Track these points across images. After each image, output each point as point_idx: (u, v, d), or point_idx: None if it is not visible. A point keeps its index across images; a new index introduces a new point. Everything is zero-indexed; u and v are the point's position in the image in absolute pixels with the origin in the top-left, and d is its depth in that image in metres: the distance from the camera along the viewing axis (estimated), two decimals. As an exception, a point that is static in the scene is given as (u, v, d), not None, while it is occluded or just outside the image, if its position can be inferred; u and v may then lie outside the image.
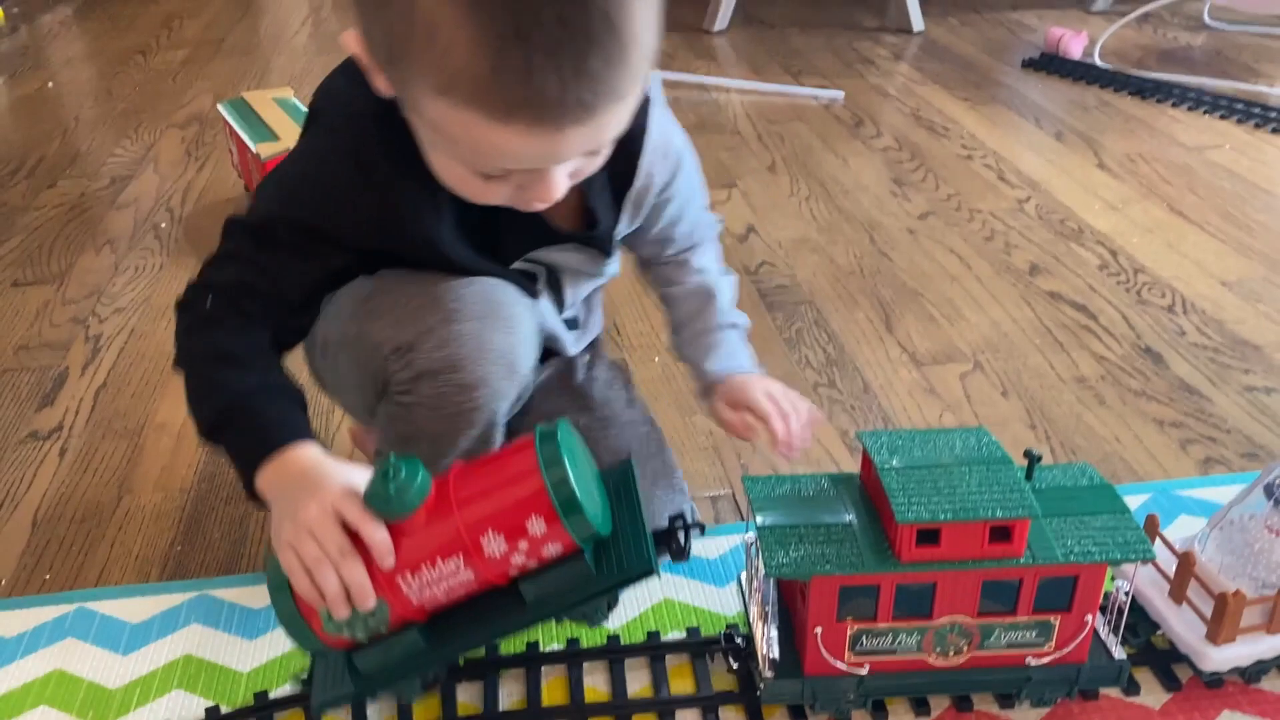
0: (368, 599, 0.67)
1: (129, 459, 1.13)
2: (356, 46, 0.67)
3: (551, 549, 0.69)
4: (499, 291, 0.80)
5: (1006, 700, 0.79)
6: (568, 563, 0.70)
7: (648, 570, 0.70)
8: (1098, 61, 2.29)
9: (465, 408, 0.79)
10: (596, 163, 0.72)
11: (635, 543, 0.71)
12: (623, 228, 0.87)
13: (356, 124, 0.74)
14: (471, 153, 0.66)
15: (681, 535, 0.74)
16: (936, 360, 1.27)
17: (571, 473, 0.67)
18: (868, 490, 0.77)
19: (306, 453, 0.71)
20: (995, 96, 2.17)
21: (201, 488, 1.07)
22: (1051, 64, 2.31)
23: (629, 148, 0.79)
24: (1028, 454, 0.76)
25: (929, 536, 0.70)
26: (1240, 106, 2.02)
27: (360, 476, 0.69)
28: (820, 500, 0.77)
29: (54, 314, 1.42)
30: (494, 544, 0.67)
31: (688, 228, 0.93)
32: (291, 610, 0.69)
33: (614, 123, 0.65)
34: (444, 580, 0.69)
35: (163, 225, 1.68)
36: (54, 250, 1.60)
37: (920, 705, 0.79)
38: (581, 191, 0.81)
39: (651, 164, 0.83)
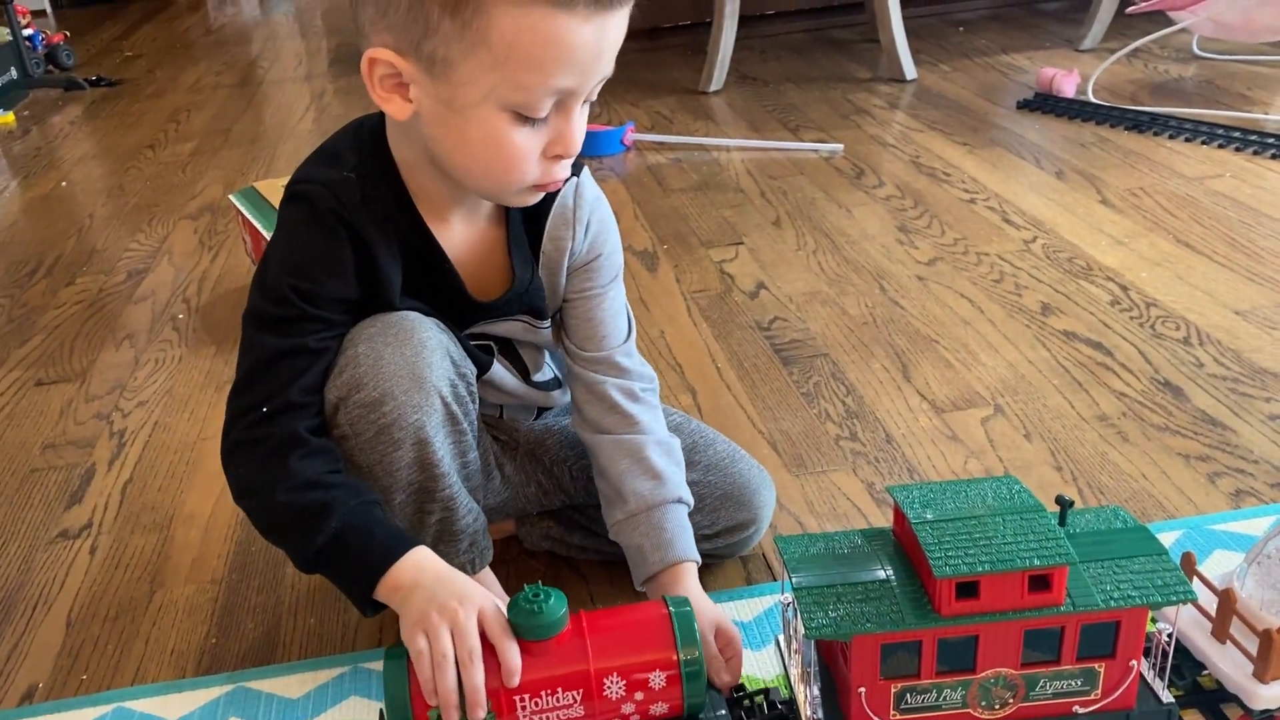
0: (481, 708, 0.70)
1: (159, 553, 1.13)
2: (383, 56, 0.74)
3: (659, 708, 0.74)
4: (394, 316, 0.84)
5: (1057, 750, 0.78)
6: None
7: None
8: (1092, 99, 2.32)
9: (380, 424, 0.81)
10: (581, 127, 0.79)
11: None
12: (544, 286, 0.91)
13: (325, 190, 0.81)
14: (528, 69, 0.72)
15: (748, 704, 0.80)
16: (957, 406, 1.28)
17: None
18: (902, 544, 0.77)
19: (430, 555, 0.79)
20: (993, 139, 2.20)
21: (233, 578, 1.08)
22: (1046, 104, 2.34)
23: (542, 208, 0.88)
24: (1060, 500, 0.76)
25: (968, 589, 0.70)
26: (1237, 134, 2.04)
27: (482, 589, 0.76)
28: (855, 557, 0.76)
29: (78, 411, 1.44)
30: (614, 688, 0.73)
31: (609, 312, 0.94)
32: (404, 706, 0.71)
33: (623, 32, 0.75)
34: (556, 712, 0.72)
35: (180, 316, 1.70)
36: (75, 347, 1.62)
37: (970, 760, 0.78)
38: (507, 248, 0.89)
39: (560, 223, 0.89)
